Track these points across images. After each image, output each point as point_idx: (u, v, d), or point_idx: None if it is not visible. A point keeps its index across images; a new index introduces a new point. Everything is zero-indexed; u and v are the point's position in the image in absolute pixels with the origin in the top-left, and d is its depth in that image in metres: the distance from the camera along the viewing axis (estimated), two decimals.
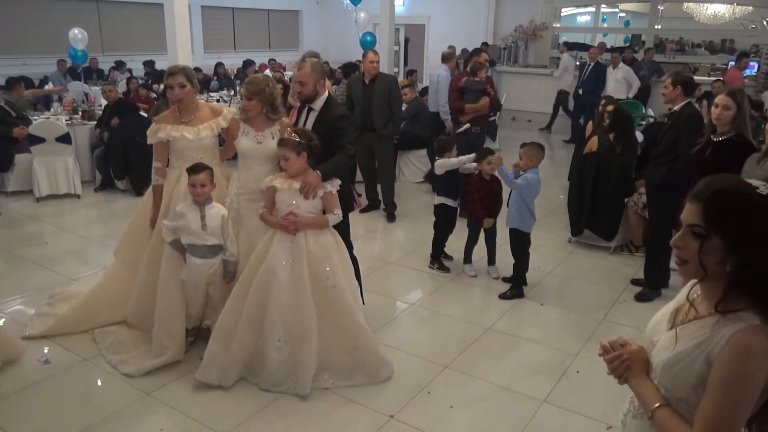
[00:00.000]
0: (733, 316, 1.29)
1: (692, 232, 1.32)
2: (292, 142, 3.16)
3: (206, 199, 3.36)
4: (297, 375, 3.20)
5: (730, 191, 1.30)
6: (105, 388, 3.28)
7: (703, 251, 1.30)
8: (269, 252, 3.19)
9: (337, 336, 3.26)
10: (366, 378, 3.32)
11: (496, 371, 3.49)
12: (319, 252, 3.22)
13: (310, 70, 3.61)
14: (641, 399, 1.44)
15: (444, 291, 4.62)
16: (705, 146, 3.64)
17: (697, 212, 1.31)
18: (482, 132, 6.47)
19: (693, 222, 1.32)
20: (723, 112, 3.49)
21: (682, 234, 1.35)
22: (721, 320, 1.30)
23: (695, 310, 1.40)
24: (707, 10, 12.11)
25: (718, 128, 3.59)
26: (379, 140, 6.02)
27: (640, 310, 4.25)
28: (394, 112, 6.01)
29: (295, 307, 3.15)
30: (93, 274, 4.54)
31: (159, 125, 3.58)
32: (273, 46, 15.45)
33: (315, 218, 3.23)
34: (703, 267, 1.31)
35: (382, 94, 5.88)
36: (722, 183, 1.32)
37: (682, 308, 1.47)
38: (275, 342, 3.17)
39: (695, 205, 1.32)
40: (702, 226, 1.30)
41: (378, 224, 6.15)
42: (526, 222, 4.35)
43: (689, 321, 1.40)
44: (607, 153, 5.28)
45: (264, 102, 3.48)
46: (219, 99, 9.49)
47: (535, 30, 13.26)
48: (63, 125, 6.88)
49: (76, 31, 9.30)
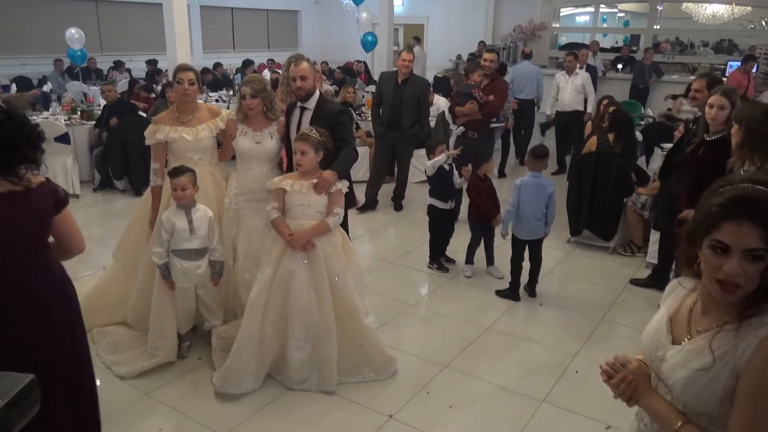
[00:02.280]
0: (756, 320, 1.24)
1: (752, 257, 1.21)
2: (314, 139, 3.14)
3: (190, 203, 3.32)
4: (320, 372, 3.22)
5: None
6: (104, 388, 3.26)
7: (765, 275, 1.21)
8: (285, 253, 3.18)
9: (346, 335, 3.27)
10: (372, 373, 3.34)
11: (495, 371, 3.49)
12: (332, 251, 3.23)
13: (309, 65, 3.67)
14: (659, 418, 1.39)
15: (443, 291, 4.62)
16: (699, 146, 3.58)
17: (758, 235, 1.20)
18: (485, 138, 6.02)
19: (753, 246, 1.21)
20: (719, 112, 3.42)
21: (738, 261, 1.22)
22: (743, 328, 1.25)
23: (701, 320, 1.35)
24: (706, 10, 12.12)
25: (712, 128, 3.52)
26: (403, 140, 6.22)
27: (639, 310, 4.25)
28: (422, 114, 6.21)
29: (314, 305, 3.16)
30: (92, 274, 4.53)
31: (157, 126, 3.57)
32: (272, 46, 15.46)
33: (315, 227, 3.18)
34: (764, 287, 1.23)
35: (413, 96, 6.05)
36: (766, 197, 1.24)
37: (678, 319, 1.42)
38: (296, 341, 3.18)
39: (753, 227, 1.20)
40: (764, 249, 1.20)
41: (378, 224, 6.15)
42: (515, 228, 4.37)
43: (698, 333, 1.35)
44: (606, 153, 5.28)
45: (266, 101, 3.50)
46: (218, 99, 9.48)
47: (534, 30, 13.28)
48: (62, 125, 6.88)
49: (73, 31, 9.31)
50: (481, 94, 5.90)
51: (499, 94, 6.03)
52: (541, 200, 4.24)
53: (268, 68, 12.04)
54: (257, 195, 3.52)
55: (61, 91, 9.54)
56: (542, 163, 4.33)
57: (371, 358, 3.34)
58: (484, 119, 6.00)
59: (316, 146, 3.15)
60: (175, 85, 3.62)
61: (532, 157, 4.35)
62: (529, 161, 4.40)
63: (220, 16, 14.40)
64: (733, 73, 9.34)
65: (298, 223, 3.16)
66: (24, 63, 10.82)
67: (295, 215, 3.19)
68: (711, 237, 1.25)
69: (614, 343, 3.85)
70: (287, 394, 3.21)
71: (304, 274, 3.15)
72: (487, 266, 4.83)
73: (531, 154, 4.39)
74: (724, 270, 1.23)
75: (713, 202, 1.27)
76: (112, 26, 12.38)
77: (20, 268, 2.16)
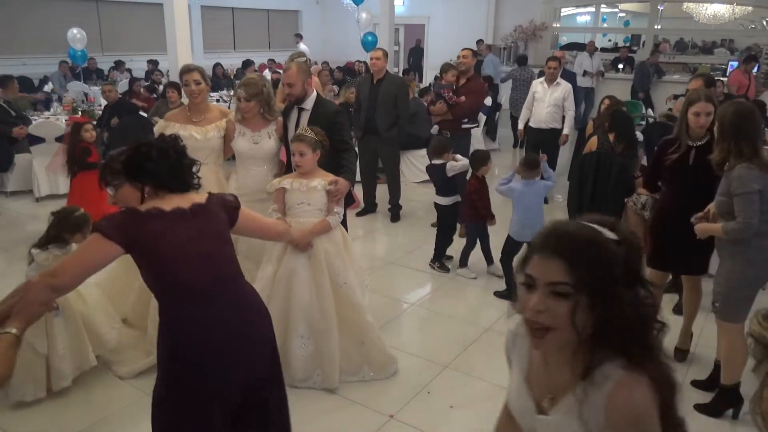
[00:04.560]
0: (598, 375, 1.15)
1: (556, 293, 1.13)
2: (310, 139, 3.15)
3: None
4: (323, 369, 3.22)
5: (590, 242, 1.15)
6: (105, 388, 3.27)
7: (575, 314, 1.12)
8: (287, 251, 3.18)
9: (347, 333, 3.28)
10: (372, 372, 3.34)
11: (495, 371, 3.48)
12: (332, 249, 3.23)
13: (296, 70, 3.61)
14: None
15: (444, 291, 4.62)
16: (685, 153, 3.34)
17: (563, 269, 1.12)
18: (458, 138, 5.85)
19: (555, 280, 1.13)
20: (707, 118, 3.22)
21: (541, 295, 1.14)
22: (582, 387, 1.16)
23: (547, 377, 1.26)
24: (707, 10, 12.11)
25: (696, 134, 3.30)
26: (382, 143, 5.93)
27: None
28: (401, 115, 5.87)
29: (316, 303, 3.16)
30: None
31: (167, 123, 3.59)
32: (272, 46, 15.47)
33: (316, 226, 3.17)
34: (576, 332, 1.13)
35: (389, 96, 5.74)
36: (576, 233, 1.18)
37: (533, 377, 1.31)
38: (298, 339, 3.19)
39: (558, 261, 1.13)
40: (570, 284, 1.12)
41: (377, 224, 6.14)
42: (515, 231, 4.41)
43: (550, 398, 1.25)
44: (607, 153, 5.28)
45: (262, 102, 3.49)
46: (219, 99, 9.49)
47: (535, 30, 13.27)
48: (63, 125, 6.88)
49: (75, 31, 9.32)
50: (450, 95, 5.96)
51: (471, 96, 6.01)
52: (537, 204, 4.35)
53: (268, 68, 12.05)
54: (257, 195, 3.52)
55: (63, 91, 9.54)
56: (536, 173, 4.37)
57: (372, 356, 3.35)
58: (455, 119, 6.02)
59: (313, 146, 3.15)
60: (183, 89, 3.65)
61: (526, 167, 4.36)
62: (522, 170, 4.40)
63: (220, 17, 14.40)
64: (734, 72, 9.25)
65: (299, 221, 3.17)
66: (24, 63, 10.82)
67: (296, 213, 3.20)
68: (524, 272, 1.20)
69: None
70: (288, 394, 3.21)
71: (306, 272, 3.16)
72: (489, 267, 4.83)
73: (525, 165, 4.39)
74: (528, 306, 1.16)
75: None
76: (113, 26, 12.38)
77: (237, 278, 2.11)
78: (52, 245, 3.13)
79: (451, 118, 6.00)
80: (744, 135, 2.83)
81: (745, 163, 2.80)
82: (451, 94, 5.95)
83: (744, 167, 2.79)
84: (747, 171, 2.78)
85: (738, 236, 2.84)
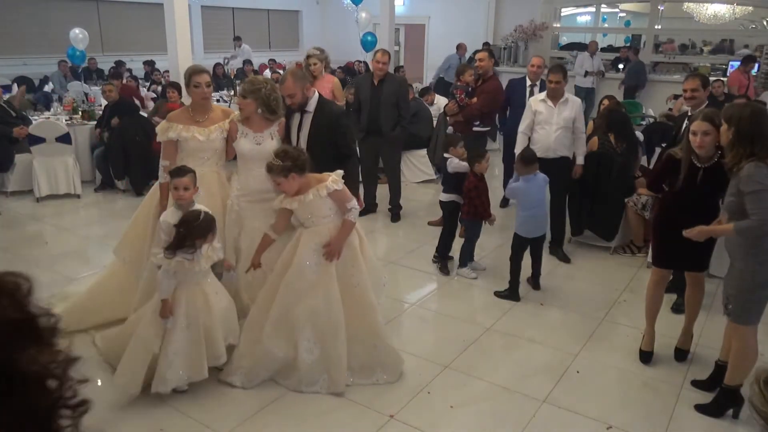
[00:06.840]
0: None
1: None
2: (276, 168, 3.07)
3: (189, 203, 3.27)
4: (330, 373, 3.21)
5: None
6: (105, 388, 3.27)
7: None
8: (296, 254, 3.19)
9: (359, 335, 3.28)
10: (386, 376, 3.33)
11: (496, 371, 3.49)
12: (347, 251, 3.23)
13: (291, 81, 3.67)
14: None
15: (444, 291, 4.62)
16: (693, 173, 3.24)
17: None
18: (471, 138, 5.71)
19: None
20: (704, 138, 3.10)
21: None
22: None
23: None
24: (707, 11, 12.10)
25: (702, 154, 3.18)
26: (385, 143, 5.95)
27: (640, 310, 4.24)
28: (402, 114, 5.89)
29: (323, 308, 3.15)
30: (93, 274, 4.53)
31: (170, 124, 3.58)
32: (273, 46, 15.45)
33: (343, 231, 3.20)
34: None
35: (391, 95, 5.77)
36: None
37: None
38: (305, 343, 3.17)
39: None
40: None
41: (378, 224, 6.14)
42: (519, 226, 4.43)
43: None
44: (607, 153, 5.28)
45: (259, 102, 3.49)
46: (219, 99, 9.48)
47: (535, 30, 13.25)
48: (63, 125, 6.89)
49: (77, 31, 9.31)
50: (461, 96, 5.98)
51: (485, 96, 5.98)
52: (540, 198, 4.37)
53: (269, 68, 12.05)
54: (259, 196, 3.52)
55: (63, 91, 9.54)
56: (533, 167, 4.36)
57: (384, 359, 3.33)
58: (465, 121, 6.02)
59: (282, 173, 3.06)
60: (192, 89, 3.62)
61: (523, 163, 4.35)
62: (520, 167, 4.39)
63: (221, 17, 14.39)
64: (734, 73, 9.26)
65: (315, 229, 3.20)
66: (25, 63, 10.82)
67: (308, 224, 3.22)
68: None
69: (615, 343, 3.85)
70: (288, 395, 3.22)
71: (314, 276, 3.16)
72: (459, 268, 4.83)
73: (522, 161, 4.38)
74: None
75: None
76: (114, 26, 12.37)
77: None
78: (180, 251, 3.00)
79: (462, 119, 6.02)
80: (760, 136, 2.82)
81: (754, 161, 2.81)
82: (462, 95, 5.99)
83: (753, 165, 2.79)
84: (756, 169, 2.78)
85: (752, 234, 2.83)
